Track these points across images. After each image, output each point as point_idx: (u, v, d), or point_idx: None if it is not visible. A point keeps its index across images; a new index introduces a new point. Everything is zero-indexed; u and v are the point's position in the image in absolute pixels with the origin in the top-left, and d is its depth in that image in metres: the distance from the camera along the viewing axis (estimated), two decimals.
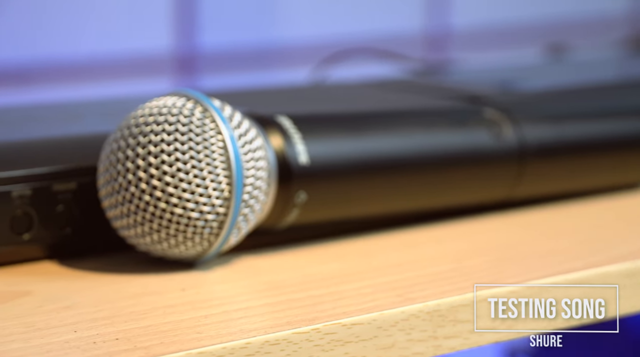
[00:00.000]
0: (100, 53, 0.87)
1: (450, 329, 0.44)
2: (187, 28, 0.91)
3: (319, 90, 0.63)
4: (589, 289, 0.47)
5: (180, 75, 0.91)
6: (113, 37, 0.88)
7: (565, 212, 0.56)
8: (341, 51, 0.86)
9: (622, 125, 0.58)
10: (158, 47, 0.90)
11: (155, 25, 0.89)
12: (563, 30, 1.23)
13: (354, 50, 0.88)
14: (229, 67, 0.94)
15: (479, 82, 0.63)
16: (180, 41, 0.90)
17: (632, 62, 0.75)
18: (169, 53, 0.90)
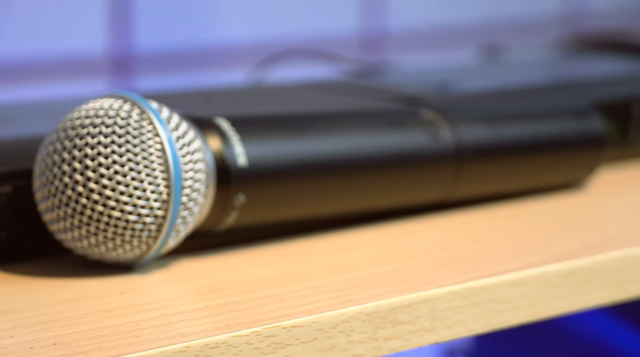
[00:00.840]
0: (34, 54, 0.86)
1: (390, 331, 0.44)
2: (123, 28, 0.90)
3: (257, 92, 0.62)
4: (525, 289, 0.47)
5: (116, 77, 0.90)
6: (47, 38, 0.87)
7: (503, 213, 0.57)
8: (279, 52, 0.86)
9: (557, 126, 0.59)
10: (93, 47, 0.89)
11: (89, 25, 0.88)
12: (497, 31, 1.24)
13: (291, 52, 0.87)
14: (166, 68, 0.94)
15: (416, 83, 0.63)
16: (115, 42, 0.90)
17: (565, 63, 0.76)
18: (104, 54, 0.89)
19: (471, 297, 0.46)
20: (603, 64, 0.72)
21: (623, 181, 0.63)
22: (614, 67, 0.70)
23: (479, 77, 0.67)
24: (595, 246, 0.51)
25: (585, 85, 0.64)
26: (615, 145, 0.64)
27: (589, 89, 0.63)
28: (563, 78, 0.66)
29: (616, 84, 0.65)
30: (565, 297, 0.48)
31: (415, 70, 0.70)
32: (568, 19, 1.33)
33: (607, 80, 0.65)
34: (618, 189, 0.61)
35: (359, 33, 1.14)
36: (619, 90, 0.64)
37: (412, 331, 0.44)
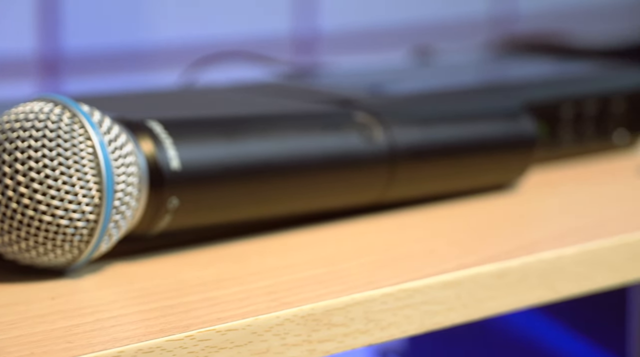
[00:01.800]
0: None
1: (325, 333, 0.44)
2: (51, 30, 0.89)
3: (190, 94, 0.62)
4: (459, 290, 0.48)
5: (45, 79, 0.89)
6: None
7: (437, 214, 0.57)
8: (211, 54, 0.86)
9: (488, 127, 0.59)
10: (21, 49, 0.88)
11: (17, 26, 0.87)
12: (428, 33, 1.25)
13: (224, 54, 0.87)
14: (96, 70, 0.93)
15: (349, 85, 0.63)
16: (43, 43, 0.89)
17: (496, 65, 0.77)
18: (33, 55, 0.88)
19: (405, 299, 0.46)
20: (533, 66, 0.73)
21: (554, 181, 0.64)
22: (543, 69, 0.70)
23: (412, 79, 0.68)
24: (527, 246, 0.52)
25: (516, 87, 0.64)
26: (546, 147, 0.65)
27: (519, 91, 0.64)
28: (494, 80, 0.66)
29: (546, 86, 0.65)
30: (498, 297, 0.49)
31: (348, 72, 0.70)
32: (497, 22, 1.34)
33: (537, 82, 0.66)
34: (549, 189, 0.62)
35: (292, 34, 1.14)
36: (549, 92, 0.65)
37: (347, 333, 0.44)
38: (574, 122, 0.66)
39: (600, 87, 0.67)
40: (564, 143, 0.66)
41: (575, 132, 0.66)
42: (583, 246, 0.52)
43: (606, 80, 0.68)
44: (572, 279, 0.51)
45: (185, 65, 0.86)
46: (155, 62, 0.97)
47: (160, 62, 0.97)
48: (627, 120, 0.68)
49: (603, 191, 0.62)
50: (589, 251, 0.52)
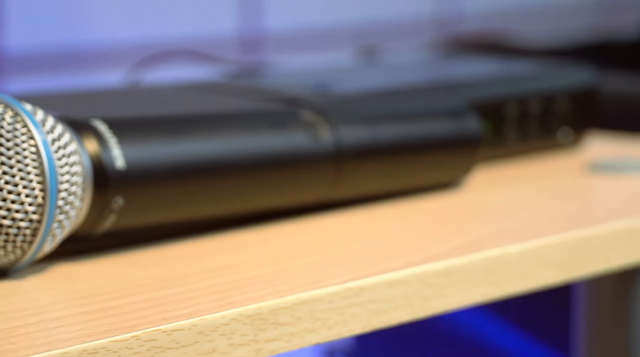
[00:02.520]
0: None
1: (272, 332, 0.44)
2: None
3: (135, 94, 0.62)
4: (405, 288, 0.48)
5: None
6: None
7: (383, 213, 0.57)
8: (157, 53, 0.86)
9: (434, 126, 0.60)
10: None
11: None
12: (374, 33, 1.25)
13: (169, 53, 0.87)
14: (40, 69, 0.92)
15: (295, 84, 0.63)
16: None
17: (441, 65, 0.77)
18: None
19: (352, 298, 0.46)
20: (478, 65, 0.73)
21: (498, 179, 0.64)
22: (488, 68, 0.71)
23: (358, 79, 0.68)
24: (472, 244, 0.52)
25: (461, 86, 0.65)
26: (491, 145, 0.65)
27: (464, 90, 0.64)
28: (439, 79, 0.66)
29: (490, 85, 0.66)
30: (444, 295, 0.49)
31: (294, 71, 0.70)
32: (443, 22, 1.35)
33: (481, 81, 0.66)
34: (494, 187, 0.62)
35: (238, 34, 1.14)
36: (493, 91, 0.65)
37: (293, 332, 0.44)
38: (519, 121, 0.66)
39: (544, 86, 0.68)
40: (509, 141, 0.66)
41: (520, 130, 0.66)
42: (527, 243, 0.52)
43: (550, 79, 0.68)
44: (517, 276, 0.51)
45: (131, 64, 0.86)
46: (101, 61, 0.96)
47: (105, 61, 0.96)
48: (570, 119, 0.69)
49: (547, 188, 0.63)
50: (533, 249, 0.52)
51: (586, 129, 0.70)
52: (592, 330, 0.65)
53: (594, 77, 0.70)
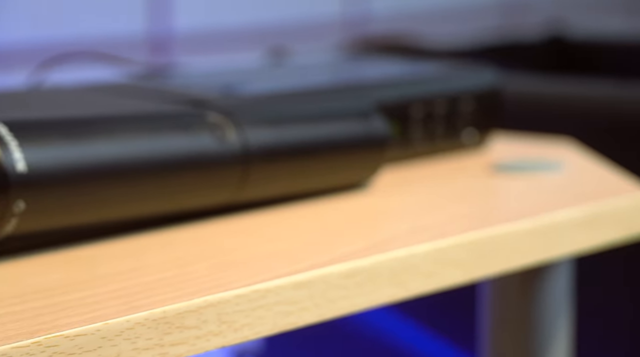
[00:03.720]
0: None
1: (177, 336, 0.43)
2: None
3: (38, 95, 0.61)
4: (311, 290, 0.48)
5: None
6: None
7: (290, 214, 0.57)
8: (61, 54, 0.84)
9: (341, 127, 0.60)
10: None
11: None
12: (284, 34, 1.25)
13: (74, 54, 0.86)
14: None
15: (202, 86, 0.63)
16: None
17: (348, 66, 0.77)
18: None
19: (258, 300, 0.46)
20: (384, 66, 0.73)
21: (405, 180, 0.64)
22: (394, 69, 0.71)
23: (265, 80, 0.68)
24: (378, 245, 0.52)
25: (368, 88, 0.65)
26: (397, 146, 0.66)
27: (371, 91, 0.64)
28: (346, 80, 0.67)
29: (397, 86, 0.66)
30: (350, 297, 0.49)
31: (201, 73, 0.70)
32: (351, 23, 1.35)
33: (388, 82, 0.66)
34: (400, 188, 0.63)
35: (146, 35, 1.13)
36: (400, 92, 0.66)
37: (199, 336, 0.44)
38: (424, 122, 0.67)
39: (449, 87, 0.68)
40: (415, 142, 0.67)
41: (426, 131, 0.67)
42: (433, 243, 0.52)
43: (455, 81, 0.69)
44: (423, 276, 0.52)
45: (34, 65, 0.84)
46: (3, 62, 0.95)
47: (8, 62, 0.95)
48: (475, 120, 0.69)
49: (453, 189, 0.63)
50: (438, 249, 0.52)
51: (490, 130, 0.70)
52: (496, 328, 0.66)
53: (498, 78, 0.71)
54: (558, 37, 1.48)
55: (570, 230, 0.58)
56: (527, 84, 1.06)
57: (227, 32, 1.20)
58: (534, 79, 1.08)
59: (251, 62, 0.80)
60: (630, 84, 1.03)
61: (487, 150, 0.71)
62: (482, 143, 0.70)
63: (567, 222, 0.58)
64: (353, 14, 1.34)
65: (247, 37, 1.22)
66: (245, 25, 1.22)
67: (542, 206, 0.59)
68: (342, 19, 1.32)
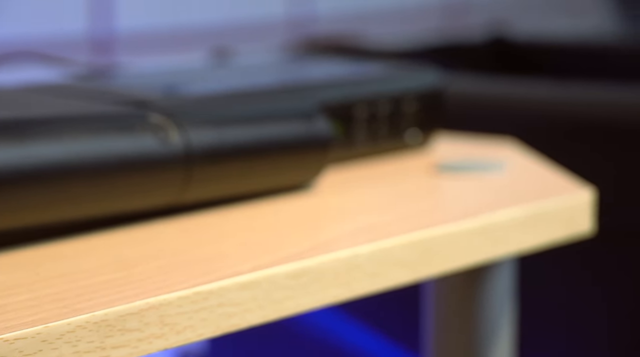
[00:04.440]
0: None
1: (119, 339, 0.43)
2: None
3: None
4: (255, 291, 0.48)
5: None
6: None
7: (234, 215, 0.57)
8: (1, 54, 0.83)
9: (284, 128, 0.60)
10: None
11: None
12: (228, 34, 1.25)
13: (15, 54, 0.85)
14: None
15: (144, 86, 0.63)
16: None
17: (292, 66, 0.77)
18: None
19: (201, 302, 0.46)
20: (328, 67, 0.73)
21: (349, 180, 0.64)
22: (338, 70, 0.71)
23: (208, 80, 0.67)
24: (323, 245, 0.52)
25: (311, 88, 0.65)
26: (341, 146, 0.66)
27: (314, 92, 0.64)
28: (290, 81, 0.66)
29: (340, 87, 0.66)
30: (294, 297, 0.49)
31: (143, 73, 0.69)
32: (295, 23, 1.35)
33: (331, 83, 0.66)
34: (344, 188, 0.63)
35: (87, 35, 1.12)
36: (343, 93, 0.66)
37: (141, 338, 0.44)
38: (368, 122, 0.67)
39: (393, 87, 0.68)
40: (359, 143, 0.67)
41: (369, 132, 0.67)
42: (377, 243, 0.52)
43: (398, 81, 0.69)
44: (367, 277, 0.52)
45: None
46: None
47: None
48: (419, 120, 0.69)
49: (397, 189, 0.63)
50: (383, 249, 0.52)
51: (433, 130, 0.71)
52: (440, 328, 0.66)
53: (441, 79, 0.71)
54: (500, 38, 1.49)
55: (513, 229, 0.58)
56: (470, 84, 1.06)
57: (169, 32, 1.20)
58: (476, 80, 1.09)
59: (194, 62, 0.80)
60: (570, 85, 1.04)
61: (430, 150, 0.71)
62: (426, 143, 0.71)
63: (510, 222, 0.58)
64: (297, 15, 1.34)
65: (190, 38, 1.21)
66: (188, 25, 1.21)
67: (485, 206, 0.59)
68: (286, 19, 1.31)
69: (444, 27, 1.59)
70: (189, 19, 1.22)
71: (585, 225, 0.62)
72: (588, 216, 0.62)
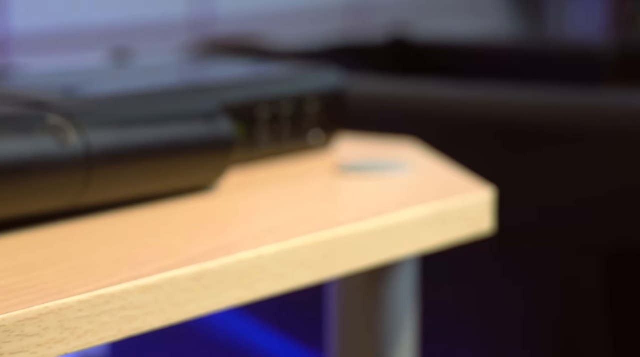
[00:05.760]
0: None
1: (17, 344, 0.42)
2: None
3: None
4: (157, 294, 0.47)
5: None
6: None
7: (135, 217, 0.56)
8: None
9: (186, 129, 0.59)
10: None
11: None
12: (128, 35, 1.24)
13: None
14: None
15: (42, 87, 0.62)
16: None
17: (194, 67, 0.77)
18: None
19: (102, 305, 0.45)
20: (230, 67, 0.73)
21: (252, 181, 0.64)
22: (240, 70, 0.71)
23: (108, 81, 0.66)
24: (226, 247, 0.52)
25: (213, 89, 0.64)
26: (244, 147, 0.66)
27: (216, 93, 0.64)
28: (191, 82, 0.66)
29: (242, 87, 0.66)
30: (197, 300, 0.48)
31: (41, 74, 0.68)
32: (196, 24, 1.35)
33: (233, 83, 0.66)
34: (247, 190, 0.63)
35: None
36: (245, 93, 0.66)
37: (40, 343, 0.43)
38: (270, 123, 0.67)
39: (295, 88, 0.68)
40: (261, 144, 0.67)
41: (272, 132, 0.67)
42: (281, 245, 0.52)
43: (300, 82, 0.69)
44: (271, 278, 0.52)
45: None
46: None
47: None
48: (321, 121, 0.70)
49: (300, 190, 0.63)
50: (286, 250, 0.52)
51: (336, 131, 0.71)
52: (343, 328, 0.67)
53: (343, 80, 0.71)
54: (400, 39, 1.51)
55: (415, 229, 0.59)
56: (371, 85, 1.07)
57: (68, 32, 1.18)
58: (378, 81, 1.10)
59: (94, 63, 0.79)
60: (468, 85, 1.06)
61: (333, 151, 0.72)
62: (328, 144, 0.71)
63: (413, 221, 0.59)
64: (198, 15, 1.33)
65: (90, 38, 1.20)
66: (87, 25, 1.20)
67: (387, 206, 0.59)
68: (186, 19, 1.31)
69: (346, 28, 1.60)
70: (88, 18, 1.20)
71: (486, 224, 0.63)
72: (488, 215, 0.63)
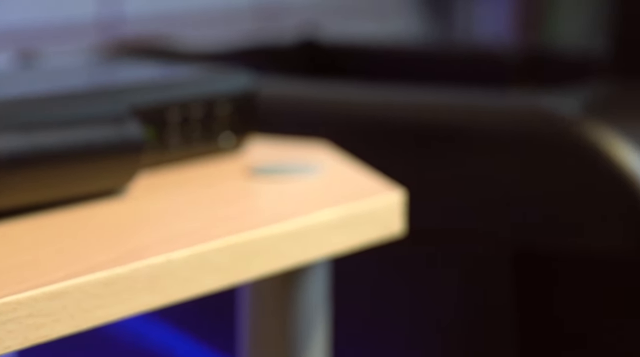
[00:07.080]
0: None
1: None
2: None
3: None
4: (65, 301, 0.46)
5: None
6: None
7: (43, 223, 0.55)
8: None
9: (95, 132, 0.58)
10: None
11: None
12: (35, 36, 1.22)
13: None
14: None
15: None
16: None
17: (102, 69, 0.76)
18: None
19: (8, 313, 0.44)
20: (139, 69, 0.72)
21: (162, 185, 0.64)
22: (149, 72, 0.70)
23: (14, 84, 0.65)
24: (135, 252, 0.51)
25: (122, 91, 0.64)
26: (154, 151, 0.65)
27: (125, 95, 0.63)
28: (100, 84, 0.65)
29: (151, 90, 0.65)
30: (107, 306, 0.48)
31: None
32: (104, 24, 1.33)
33: (142, 86, 0.65)
34: (157, 193, 0.62)
35: None
36: (155, 96, 0.65)
37: None
38: (180, 126, 0.66)
39: (205, 90, 0.68)
40: (172, 147, 0.66)
41: (182, 135, 0.66)
42: (192, 249, 0.52)
43: (211, 84, 0.69)
44: (182, 282, 0.51)
45: None
46: None
47: None
48: (232, 123, 0.69)
49: (211, 193, 0.63)
50: (197, 254, 0.52)
51: (247, 133, 0.70)
52: (254, 332, 0.66)
53: (253, 82, 0.71)
54: (311, 41, 1.51)
55: (326, 232, 0.59)
56: (282, 87, 1.07)
57: None
58: (288, 82, 1.10)
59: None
60: (379, 87, 1.06)
61: (244, 153, 0.71)
62: (240, 147, 0.70)
63: (324, 224, 0.59)
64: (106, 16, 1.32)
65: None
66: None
67: (298, 209, 0.59)
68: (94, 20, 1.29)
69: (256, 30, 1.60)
70: None
71: (396, 226, 0.63)
72: (399, 217, 0.63)
